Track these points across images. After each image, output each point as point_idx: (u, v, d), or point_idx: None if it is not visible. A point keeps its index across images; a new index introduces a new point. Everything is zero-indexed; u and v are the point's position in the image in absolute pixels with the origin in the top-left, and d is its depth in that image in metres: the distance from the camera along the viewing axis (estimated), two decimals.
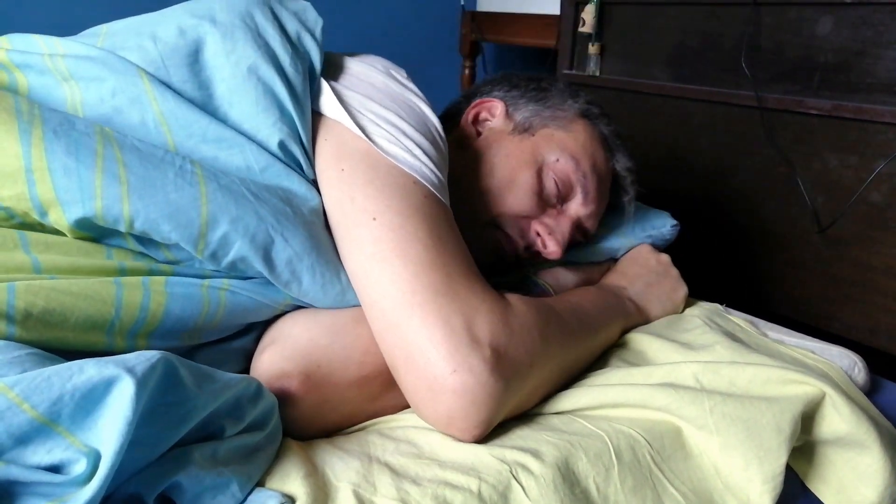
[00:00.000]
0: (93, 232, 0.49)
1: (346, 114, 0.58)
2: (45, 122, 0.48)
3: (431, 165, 0.57)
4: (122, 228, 0.48)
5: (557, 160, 0.71)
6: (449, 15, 2.05)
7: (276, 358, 0.51)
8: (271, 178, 0.55)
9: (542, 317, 0.55)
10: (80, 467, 0.34)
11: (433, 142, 0.60)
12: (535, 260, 0.74)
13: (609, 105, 1.42)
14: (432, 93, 0.70)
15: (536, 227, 0.70)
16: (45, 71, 0.54)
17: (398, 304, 0.50)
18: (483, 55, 2.05)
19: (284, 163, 0.56)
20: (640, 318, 0.71)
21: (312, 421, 0.51)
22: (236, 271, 0.53)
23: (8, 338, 0.40)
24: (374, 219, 0.53)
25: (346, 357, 0.52)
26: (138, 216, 0.47)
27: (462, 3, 1.99)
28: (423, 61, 2.05)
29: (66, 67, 0.54)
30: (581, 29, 1.42)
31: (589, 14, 1.39)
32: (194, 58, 0.57)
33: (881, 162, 1.00)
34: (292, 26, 0.62)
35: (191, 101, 0.55)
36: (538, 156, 0.71)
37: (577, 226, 0.74)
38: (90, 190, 0.46)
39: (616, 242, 0.82)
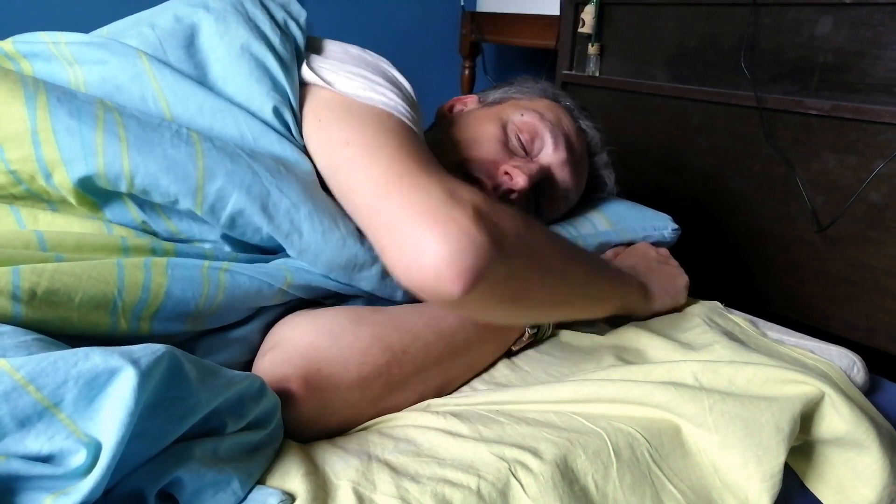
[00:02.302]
0: (96, 196, 0.51)
1: (319, 78, 0.62)
2: (48, 92, 0.50)
3: (405, 106, 0.60)
4: (124, 187, 0.50)
5: (522, 115, 0.76)
6: (449, 15, 2.05)
7: (276, 362, 0.51)
8: (264, 147, 0.58)
9: (527, 221, 0.53)
10: (79, 458, 0.34)
11: (407, 98, 0.63)
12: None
13: (608, 105, 1.43)
14: (432, 93, 0.71)
15: (504, 167, 0.73)
16: (51, 57, 0.57)
17: (378, 191, 0.50)
18: (483, 55, 2.05)
19: (277, 131, 0.59)
20: (641, 296, 0.70)
21: (314, 424, 0.50)
22: (237, 230, 0.54)
23: (14, 317, 0.41)
24: (348, 142, 0.55)
25: (345, 359, 0.52)
26: (138, 171, 0.49)
27: (462, 3, 2.00)
28: (424, 61, 2.05)
29: (70, 53, 0.57)
30: (581, 29, 1.42)
31: (588, 14, 1.39)
32: (190, 41, 0.60)
33: (880, 162, 1.00)
34: (279, 14, 0.66)
35: (188, 77, 0.58)
36: (503, 115, 0.77)
37: (551, 179, 0.76)
38: (92, 147, 0.49)
39: (615, 238, 0.82)
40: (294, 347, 0.52)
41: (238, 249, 0.57)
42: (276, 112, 0.59)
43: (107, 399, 0.34)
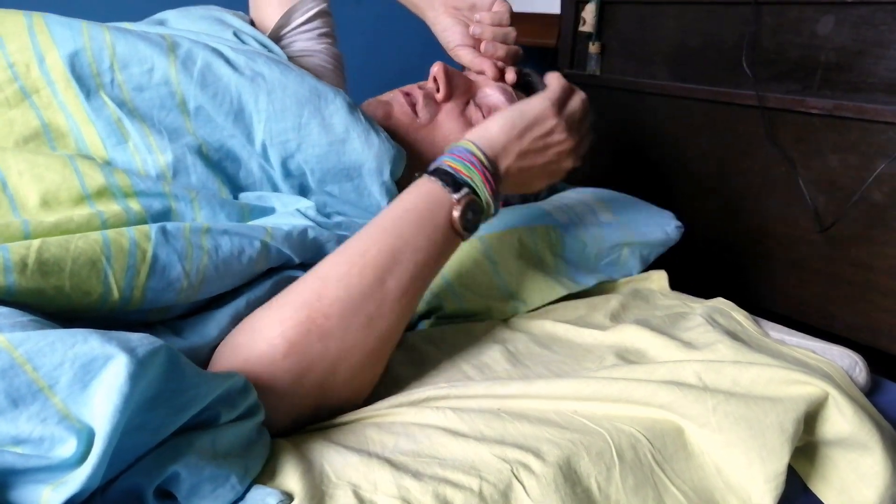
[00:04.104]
0: (80, 86, 0.59)
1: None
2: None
3: None
4: (107, 59, 0.60)
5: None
6: None
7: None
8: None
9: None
10: (70, 446, 0.34)
11: None
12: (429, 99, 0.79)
13: (609, 104, 1.43)
14: None
15: None
16: None
17: None
18: None
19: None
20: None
21: (278, 406, 0.48)
22: (208, 91, 0.62)
23: (8, 287, 0.41)
24: None
25: (266, 337, 0.49)
26: (118, 41, 0.61)
27: None
28: (424, 61, 2.05)
29: None
30: (581, 28, 1.42)
31: (589, 13, 1.39)
32: (160, 24, 0.75)
33: (882, 161, 1.00)
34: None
35: None
36: None
37: (482, 96, 0.81)
38: (79, 30, 0.60)
39: (617, 230, 0.81)
40: (222, 358, 0.51)
41: (203, 165, 0.62)
42: (236, 35, 0.73)
43: (101, 385, 0.34)
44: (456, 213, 0.57)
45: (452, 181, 0.57)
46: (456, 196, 0.57)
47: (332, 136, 0.65)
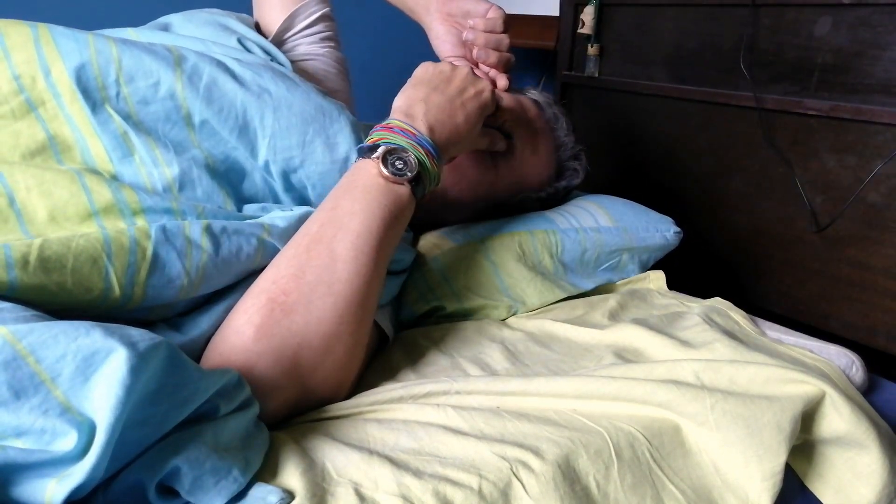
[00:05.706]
0: (86, 99, 0.59)
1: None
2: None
3: None
4: (113, 73, 0.60)
5: None
6: None
7: None
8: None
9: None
10: (71, 439, 0.34)
11: None
12: None
13: (608, 106, 1.43)
14: None
15: None
16: None
17: None
18: None
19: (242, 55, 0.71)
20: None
21: (266, 392, 0.49)
22: (213, 106, 0.62)
23: (10, 283, 0.41)
24: None
25: (235, 328, 0.51)
26: (124, 53, 0.61)
27: None
28: (425, 62, 2.05)
29: None
30: (580, 30, 1.42)
31: (588, 15, 1.39)
32: (164, 29, 0.76)
33: (879, 162, 1.00)
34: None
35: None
36: None
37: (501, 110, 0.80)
38: (85, 43, 0.60)
39: (616, 235, 0.82)
40: (203, 360, 0.52)
41: (209, 178, 0.61)
42: (240, 41, 0.74)
43: (102, 377, 0.34)
44: (380, 167, 0.60)
45: (368, 149, 0.61)
46: (374, 155, 0.60)
47: (336, 154, 0.66)
